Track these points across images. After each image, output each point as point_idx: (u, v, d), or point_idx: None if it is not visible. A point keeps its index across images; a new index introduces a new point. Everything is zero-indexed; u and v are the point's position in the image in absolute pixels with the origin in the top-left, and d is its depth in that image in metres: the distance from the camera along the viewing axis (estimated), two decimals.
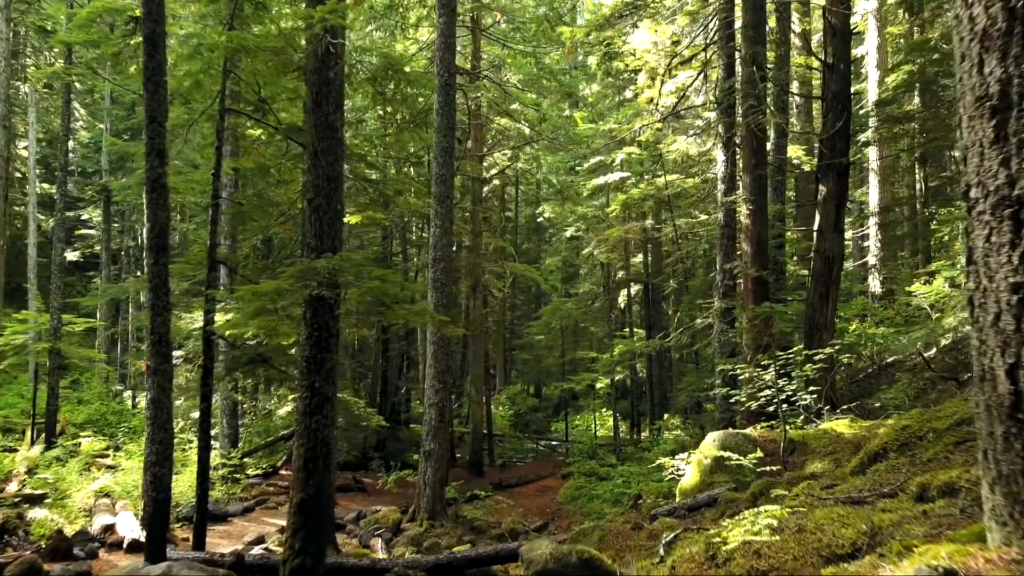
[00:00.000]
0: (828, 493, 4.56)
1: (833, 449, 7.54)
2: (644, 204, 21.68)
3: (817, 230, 12.08)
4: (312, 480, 6.49)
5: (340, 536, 12.79)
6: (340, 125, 7.02)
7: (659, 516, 7.52)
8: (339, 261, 6.30)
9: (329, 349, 6.70)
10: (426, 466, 13.76)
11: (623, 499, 15.53)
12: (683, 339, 13.89)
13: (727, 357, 12.38)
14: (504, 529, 14.12)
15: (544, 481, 20.15)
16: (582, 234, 25.95)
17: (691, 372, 18.18)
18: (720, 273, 12.77)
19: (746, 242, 12.42)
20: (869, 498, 4.03)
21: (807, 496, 4.53)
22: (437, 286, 13.88)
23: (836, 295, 12.07)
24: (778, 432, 8.45)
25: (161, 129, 8.07)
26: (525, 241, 42.13)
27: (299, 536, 6.38)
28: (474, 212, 20.98)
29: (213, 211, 8.96)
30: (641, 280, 25.27)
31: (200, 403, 8.66)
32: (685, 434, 21.58)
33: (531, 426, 30.24)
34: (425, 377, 14.08)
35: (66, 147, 20.04)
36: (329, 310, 6.68)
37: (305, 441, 6.56)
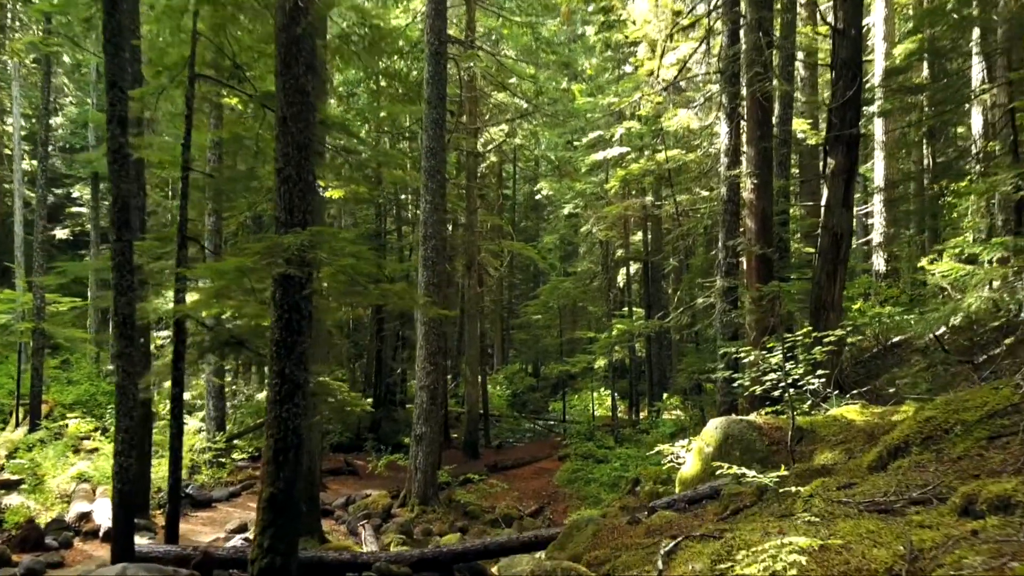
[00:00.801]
0: (847, 495, 4.06)
1: (844, 438, 7.05)
2: (644, 180, 21.07)
3: (824, 205, 11.51)
4: (282, 474, 6.00)
5: (328, 522, 12.38)
6: (311, 88, 6.45)
7: (657, 508, 7.05)
8: (309, 236, 5.76)
9: (301, 332, 6.18)
10: (417, 450, 13.32)
11: (621, 483, 15.12)
12: (683, 319, 13.38)
13: (729, 339, 11.88)
14: (498, 514, 13.72)
15: (541, 463, 19.76)
16: (580, 211, 25.35)
17: (691, 353, 17.70)
18: (722, 251, 12.23)
19: (750, 218, 11.86)
20: (898, 504, 3.53)
21: (824, 499, 4.03)
22: (428, 265, 13.35)
23: (844, 274, 11.53)
24: (784, 419, 7.96)
25: (123, 96, 7.49)
26: (523, 219, 41.50)
27: (268, 534, 5.90)
28: (469, 188, 20.38)
29: (183, 184, 8.40)
30: (641, 258, 24.71)
31: (172, 388, 8.16)
32: (685, 415, 21.18)
33: (528, 406, 29.84)
34: (417, 358, 13.58)
35: (47, 122, 19.36)
36: (300, 290, 6.14)
37: (275, 432, 6.06)
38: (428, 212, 13.42)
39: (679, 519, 6.47)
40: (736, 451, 7.55)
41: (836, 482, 4.53)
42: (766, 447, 7.47)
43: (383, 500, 13.01)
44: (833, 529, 3.19)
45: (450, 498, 14.29)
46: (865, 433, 6.97)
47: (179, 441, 8.19)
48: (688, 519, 6.45)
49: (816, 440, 7.35)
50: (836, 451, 6.73)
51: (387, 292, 6.49)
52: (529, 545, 7.39)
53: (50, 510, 11.45)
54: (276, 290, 6.19)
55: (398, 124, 23.51)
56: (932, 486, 3.72)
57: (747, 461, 7.41)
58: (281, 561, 5.87)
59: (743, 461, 7.41)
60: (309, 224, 6.23)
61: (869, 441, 6.77)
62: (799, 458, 7.02)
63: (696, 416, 16.34)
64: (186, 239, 8.29)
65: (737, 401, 11.45)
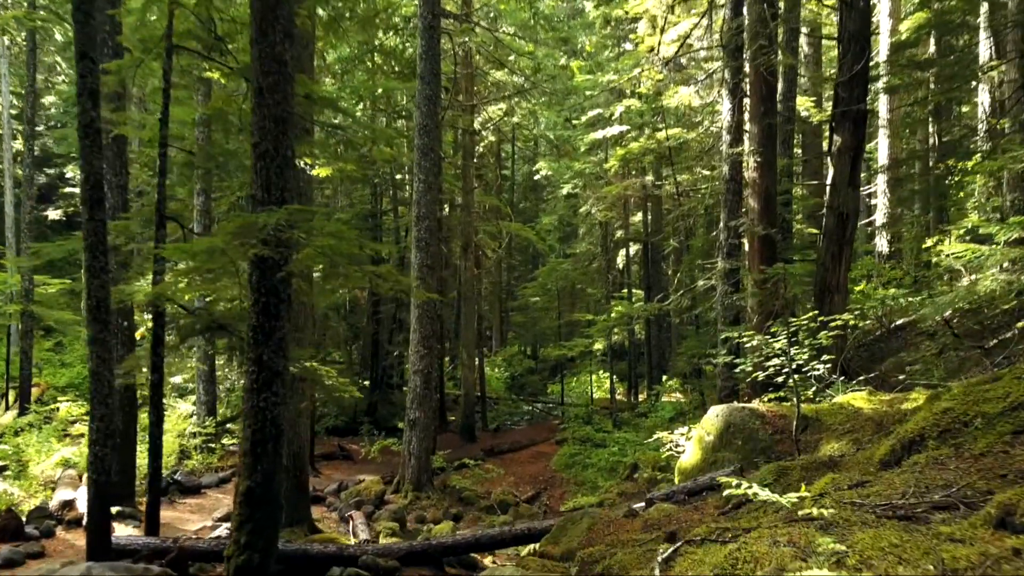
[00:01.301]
0: (860, 495, 3.74)
1: (851, 427, 6.73)
2: (644, 159, 20.66)
3: (830, 184, 11.14)
4: (260, 466, 5.69)
5: (319, 509, 12.13)
6: (290, 58, 6.06)
7: (655, 501, 6.76)
8: (285, 215, 5.39)
9: (279, 317, 5.84)
10: (411, 435, 13.05)
11: (619, 468, 14.86)
12: (683, 302, 13.05)
13: (730, 322, 11.55)
14: (494, 500, 13.48)
15: (538, 447, 19.50)
16: (579, 191, 24.93)
17: (691, 336, 17.39)
18: (724, 231, 11.86)
19: (753, 197, 11.49)
20: (919, 509, 3.21)
21: (835, 501, 3.71)
22: (421, 246, 12.99)
23: (850, 255, 11.19)
24: (788, 406, 7.65)
25: (93, 67, 7.08)
26: (522, 200, 41.04)
27: (245, 530, 5.59)
28: (465, 168, 19.95)
29: (160, 161, 8.02)
30: (640, 239, 24.34)
31: (151, 374, 7.83)
32: (684, 399, 20.91)
33: (527, 388, 29.60)
34: (411, 342, 13.26)
35: (32, 100, 18.92)
36: (278, 272, 5.80)
37: (252, 422, 5.73)
38: (421, 192, 13.04)
39: (678, 513, 6.17)
40: (738, 440, 7.25)
41: (847, 479, 4.22)
42: (769, 436, 7.17)
43: (376, 486, 12.74)
44: (850, 540, 2.86)
45: (445, 483, 14.04)
46: (873, 422, 6.66)
47: (159, 429, 7.88)
48: (688, 513, 6.15)
49: (822, 429, 7.04)
50: (843, 441, 6.43)
51: (371, 274, 6.14)
52: (522, 538, 7.11)
53: (34, 497, 11.19)
54: (253, 273, 5.84)
55: (394, 103, 23.05)
56: (956, 488, 3.39)
57: (749, 451, 7.12)
58: (259, 559, 5.57)
59: (745, 451, 7.12)
60: (288, 202, 5.87)
61: (878, 431, 6.46)
62: (804, 448, 6.71)
63: (696, 400, 16.06)
64: (164, 218, 7.92)
65: (738, 386, 11.15)
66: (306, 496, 10.28)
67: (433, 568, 7.22)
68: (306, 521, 10.14)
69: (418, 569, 7.15)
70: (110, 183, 10.93)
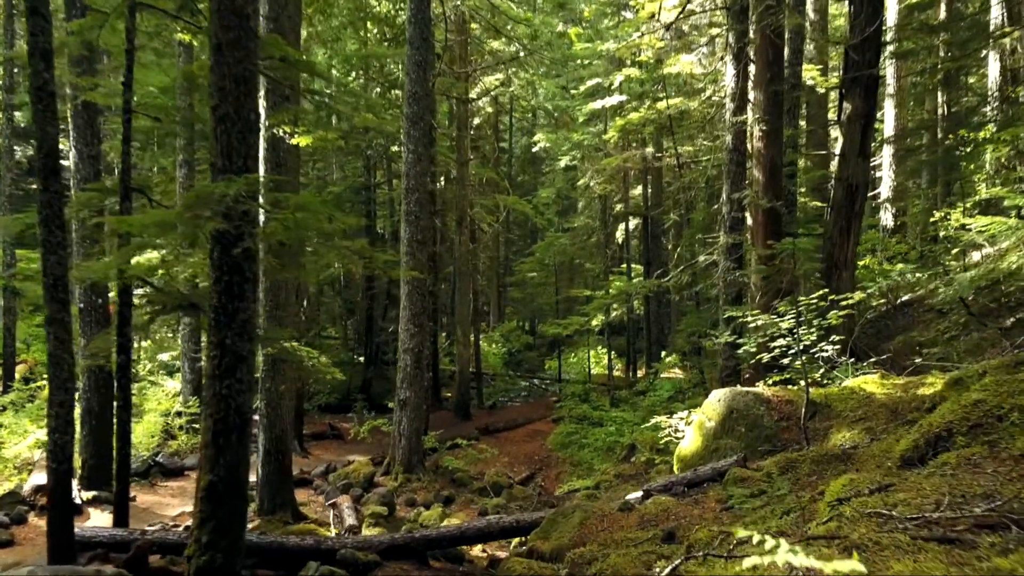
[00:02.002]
0: (885, 503, 3.27)
1: (864, 414, 6.27)
2: (644, 130, 20.02)
3: (839, 154, 10.60)
4: (223, 459, 5.23)
5: (306, 492, 11.75)
6: (252, 12, 5.49)
7: (653, 492, 6.32)
8: (244, 185, 4.87)
9: (243, 297, 5.34)
10: (401, 415, 12.63)
11: (616, 448, 14.49)
12: (683, 278, 12.54)
13: (732, 299, 11.06)
14: (486, 482, 13.10)
15: (534, 425, 19.14)
16: (578, 164, 24.29)
17: (691, 312, 16.92)
18: (727, 204, 11.32)
19: (758, 168, 10.93)
20: (959, 526, 2.74)
21: (857, 511, 3.24)
22: (411, 220, 12.46)
23: (859, 229, 10.68)
24: (795, 391, 7.19)
25: (46, 24, 6.51)
26: (520, 173, 40.34)
27: (207, 528, 5.15)
28: (459, 138, 19.32)
29: (124, 128, 7.47)
30: (640, 213, 23.76)
31: (117, 355, 7.36)
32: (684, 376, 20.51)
33: (524, 364, 29.20)
34: (400, 319, 12.79)
35: (11, 68, 18.24)
36: (242, 248, 5.29)
37: (214, 411, 5.26)
38: (411, 163, 12.47)
39: (677, 507, 5.73)
40: (741, 427, 6.79)
41: (867, 481, 3.75)
42: (774, 423, 6.72)
43: (365, 468, 12.35)
44: (882, 568, 2.40)
45: (437, 464, 13.65)
46: (887, 409, 6.20)
47: (127, 414, 7.42)
48: (687, 507, 5.71)
49: (831, 416, 6.59)
50: (855, 430, 5.97)
51: (346, 251, 5.64)
52: (510, 530, 6.69)
53: (8, 480, 10.80)
54: (214, 248, 5.33)
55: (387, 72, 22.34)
56: (1000, 500, 2.92)
57: (753, 439, 6.67)
58: (223, 560, 5.14)
59: (748, 439, 6.67)
60: (252, 171, 5.34)
61: (893, 418, 6.00)
62: (812, 436, 6.26)
63: (695, 377, 15.64)
64: (130, 190, 7.39)
65: (740, 366, 10.69)
66: (289, 480, 9.87)
67: (416, 562, 6.81)
68: (290, 506, 9.75)
69: (400, 563, 6.74)
70: (80, 153, 10.42)
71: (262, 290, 9.55)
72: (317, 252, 5.80)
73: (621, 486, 12.21)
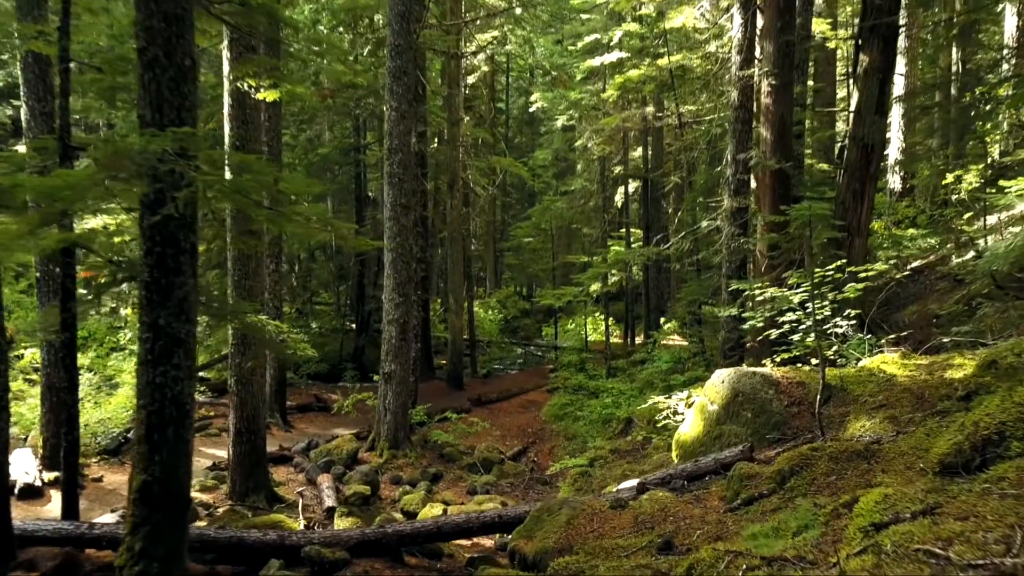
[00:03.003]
0: (936, 535, 2.61)
1: (885, 400, 5.62)
2: (644, 88, 19.05)
3: (854, 111, 9.81)
4: (159, 456, 4.58)
5: (285, 470, 11.18)
6: None
7: (649, 486, 5.69)
8: (170, 141, 4.14)
9: (179, 271, 4.65)
10: (386, 389, 12.02)
11: (612, 422, 13.92)
12: (684, 245, 11.83)
13: (736, 267, 10.37)
14: (476, 457, 12.56)
15: (528, 395, 18.58)
16: (575, 123, 23.36)
17: (692, 280, 16.22)
18: (731, 165, 10.55)
19: (766, 126, 10.14)
20: None
21: (901, 546, 2.59)
22: (394, 182, 11.69)
23: (874, 192, 9.95)
24: (807, 371, 6.53)
25: None
26: (517, 134, 39.34)
27: (141, 534, 4.53)
28: (450, 97, 18.41)
29: (62, 80, 6.68)
30: (640, 176, 22.91)
31: (61, 332, 6.68)
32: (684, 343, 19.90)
33: (520, 332, 28.61)
34: (385, 288, 12.10)
35: None
36: (177, 216, 4.58)
37: (148, 402, 4.61)
38: (394, 121, 11.66)
39: (676, 505, 5.12)
40: (747, 412, 6.15)
41: (906, 499, 3.09)
42: (784, 408, 6.07)
43: (348, 444, 11.77)
44: None
45: (425, 439, 13.09)
46: (912, 394, 5.55)
47: (74, 396, 6.77)
48: (687, 505, 5.09)
49: (848, 401, 5.94)
50: (877, 418, 5.32)
51: (296, 219, 4.91)
52: (491, 526, 6.09)
53: None
54: (144, 216, 4.62)
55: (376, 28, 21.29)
56: None
57: (760, 425, 6.03)
58: (158, 570, 4.52)
59: (755, 425, 6.03)
60: (189, 125, 4.60)
61: (919, 406, 5.35)
62: (827, 424, 5.62)
63: (695, 347, 15.01)
64: (70, 148, 6.63)
65: (743, 339, 10.03)
66: (263, 461, 9.28)
67: (389, 559, 6.23)
68: (264, 489, 9.18)
69: (371, 560, 6.16)
70: (32, 110, 9.61)
71: (229, 259, 8.87)
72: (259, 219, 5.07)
73: (616, 463, 11.66)
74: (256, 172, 4.50)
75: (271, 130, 13.67)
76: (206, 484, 9.24)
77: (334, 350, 23.15)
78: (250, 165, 4.51)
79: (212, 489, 9.22)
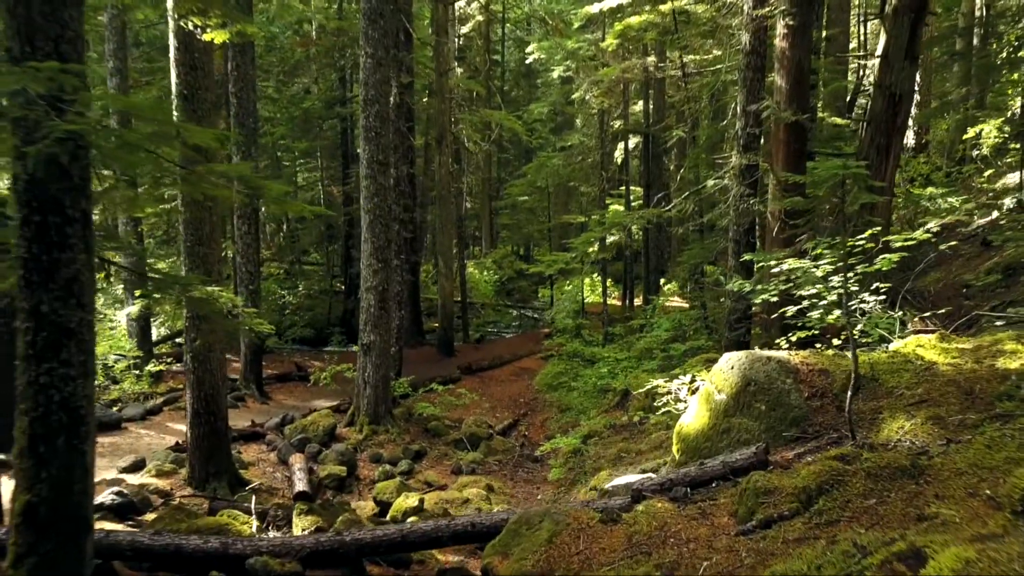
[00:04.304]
0: None
1: (926, 394, 4.76)
2: (645, 36, 17.83)
3: (881, 56, 8.78)
4: (47, 471, 3.74)
5: (255, 448, 10.42)
6: None
7: (645, 494, 4.87)
8: (30, 79, 3.20)
9: (66, 246, 3.74)
10: (366, 361, 11.20)
11: (608, 393, 13.13)
12: (688, 206, 10.86)
13: (745, 231, 9.43)
14: (463, 433, 11.80)
15: (521, 362, 17.82)
16: (572, 75, 22.13)
17: (695, 241, 15.29)
18: (741, 118, 9.52)
19: (780, 73, 9.10)
20: None
21: None
22: (371, 136, 10.68)
23: (900, 148, 8.99)
24: (829, 355, 5.66)
25: None
26: (514, 87, 37.91)
27: (26, 566, 3.71)
28: (438, 45, 17.21)
29: None
30: (640, 131, 21.76)
31: None
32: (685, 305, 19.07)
33: (515, 294, 27.73)
34: (362, 254, 11.20)
35: None
36: (61, 174, 3.67)
37: (31, 406, 3.74)
38: (370, 69, 10.60)
39: (677, 521, 4.30)
40: (760, 404, 5.30)
41: (998, 566, 2.26)
42: (804, 401, 5.21)
43: (325, 420, 10.99)
44: None
45: (409, 412, 12.32)
46: (959, 388, 4.69)
47: None
48: (691, 522, 4.28)
49: (879, 393, 5.08)
50: (918, 418, 4.47)
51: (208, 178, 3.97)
52: (462, 536, 5.28)
53: None
54: (18, 176, 3.69)
55: None
56: None
57: (776, 421, 5.19)
58: None
59: (770, 420, 5.19)
60: (73, 61, 3.64)
61: (969, 403, 4.50)
62: (857, 421, 4.76)
63: (697, 314, 14.16)
64: None
65: (751, 311, 9.16)
66: (225, 443, 8.48)
67: (348, 570, 5.45)
68: (226, 474, 8.39)
69: (327, 571, 5.38)
70: None
71: (180, 223, 7.94)
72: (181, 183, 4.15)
73: (612, 440, 10.88)
74: (147, 117, 3.56)
75: (240, 80, 12.61)
76: (163, 468, 8.46)
77: (322, 313, 22.33)
78: (140, 109, 3.57)
79: (170, 474, 8.45)
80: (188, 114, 7.53)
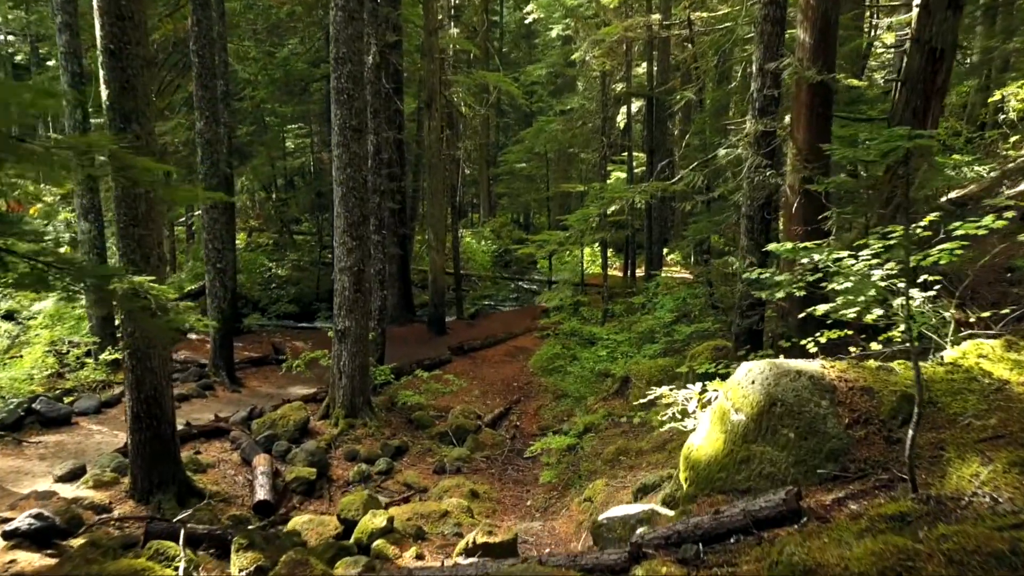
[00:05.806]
0: None
1: (1003, 427, 3.76)
2: None
3: (920, 5, 7.60)
4: None
5: (219, 447, 9.46)
6: None
7: (646, 549, 3.90)
8: None
9: None
10: (340, 349, 10.23)
11: (607, 380, 12.16)
12: (696, 179, 9.76)
13: (760, 205, 8.35)
14: (450, 424, 10.89)
15: (516, 340, 16.87)
16: (572, 34, 20.79)
17: (702, 213, 14.18)
18: (758, 78, 8.37)
19: (804, 26, 7.93)
20: None
21: None
22: (342, 100, 9.55)
23: (940, 111, 7.85)
24: (872, 368, 4.64)
25: None
26: (513, 49, 36.41)
27: None
28: (427, 0, 15.92)
29: None
30: (644, 94, 20.47)
31: None
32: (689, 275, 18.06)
33: (512, 265, 26.67)
34: (335, 230, 10.15)
35: None
36: None
37: None
38: (340, 23, 9.42)
39: None
40: (789, 431, 4.30)
41: None
42: (843, 430, 4.21)
43: (297, 413, 10.04)
44: None
45: (392, 401, 11.40)
46: None
47: None
48: None
49: (939, 422, 4.07)
50: (998, 463, 3.46)
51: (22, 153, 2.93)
52: None
53: None
54: None
55: None
56: None
57: (808, 452, 4.21)
58: None
59: (801, 452, 4.21)
60: None
61: None
62: (920, 462, 3.75)
63: (703, 295, 13.11)
64: None
65: (764, 302, 8.11)
66: (172, 449, 7.53)
67: None
68: (174, 483, 7.46)
69: None
70: None
71: (114, 201, 6.89)
72: None
73: (610, 436, 9.94)
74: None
75: (202, 36, 11.42)
76: (103, 478, 7.52)
77: (309, 287, 21.30)
78: None
79: (111, 484, 7.51)
80: (115, 73, 6.44)
